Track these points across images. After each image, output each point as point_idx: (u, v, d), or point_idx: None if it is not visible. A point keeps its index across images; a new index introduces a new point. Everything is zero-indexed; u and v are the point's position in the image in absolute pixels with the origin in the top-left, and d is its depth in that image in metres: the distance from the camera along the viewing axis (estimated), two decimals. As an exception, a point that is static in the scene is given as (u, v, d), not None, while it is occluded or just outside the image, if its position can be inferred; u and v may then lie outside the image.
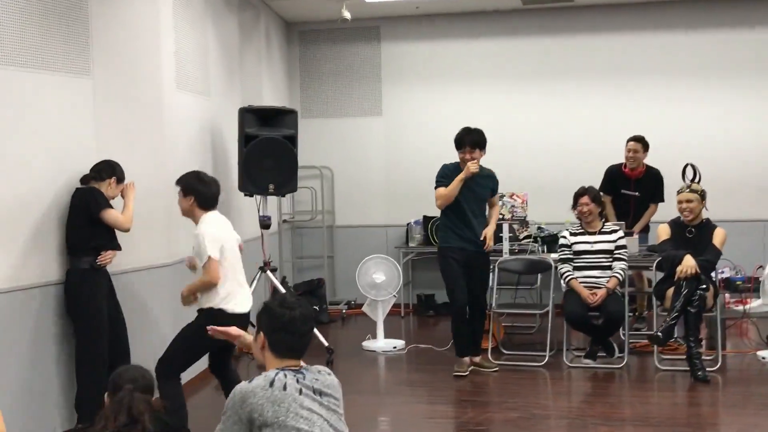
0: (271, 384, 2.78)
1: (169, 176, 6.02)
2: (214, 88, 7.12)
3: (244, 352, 6.59)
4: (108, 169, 5.21)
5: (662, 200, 7.62)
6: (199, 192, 4.87)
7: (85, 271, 5.05)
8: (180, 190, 4.94)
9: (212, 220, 4.88)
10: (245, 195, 7.19)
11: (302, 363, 2.96)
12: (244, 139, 7.03)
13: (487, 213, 6.68)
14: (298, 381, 2.82)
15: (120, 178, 5.25)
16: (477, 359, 6.73)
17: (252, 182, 7.06)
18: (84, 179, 5.22)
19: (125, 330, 5.31)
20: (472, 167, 6.34)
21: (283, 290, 7.52)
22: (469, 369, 6.64)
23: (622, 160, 7.71)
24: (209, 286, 4.73)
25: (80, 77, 5.38)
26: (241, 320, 4.70)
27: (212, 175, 6.95)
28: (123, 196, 5.32)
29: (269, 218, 7.32)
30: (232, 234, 5.03)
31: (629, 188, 7.59)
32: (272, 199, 7.76)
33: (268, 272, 7.27)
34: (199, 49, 6.73)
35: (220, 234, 4.83)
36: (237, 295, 4.84)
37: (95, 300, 5.04)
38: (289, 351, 2.93)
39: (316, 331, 7.13)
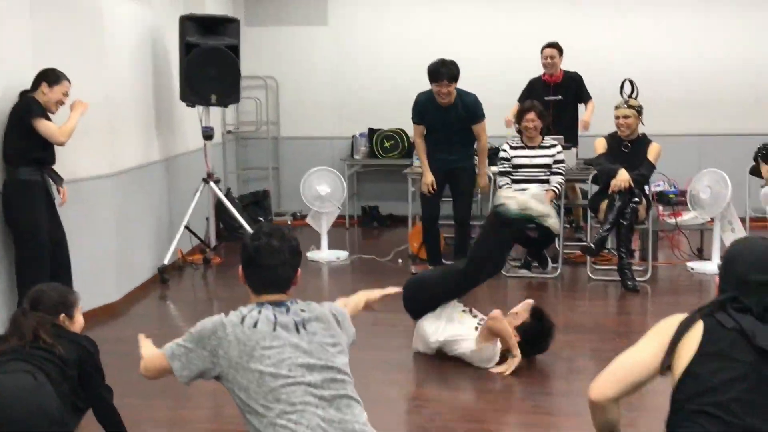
0: (242, 321, 2.63)
1: (109, 85, 5.97)
2: (154, -4, 6.99)
3: None
4: (40, 76, 5.09)
5: (590, 98, 7.77)
6: None
7: (22, 182, 5.01)
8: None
9: None
10: (187, 105, 7.13)
11: (288, 296, 2.76)
12: (186, 48, 6.94)
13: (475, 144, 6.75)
14: (275, 316, 2.64)
15: (51, 81, 5.07)
16: None
17: (194, 92, 7.00)
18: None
19: (65, 241, 5.30)
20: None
21: (227, 202, 7.56)
22: None
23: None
24: None
25: (14, -17, 5.24)
26: None
27: (153, 84, 6.93)
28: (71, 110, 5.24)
29: (212, 129, 7.30)
30: None
31: (549, 94, 7.69)
32: (215, 110, 7.71)
33: (212, 183, 7.29)
34: (138, -46, 6.57)
35: None
36: None
37: (33, 211, 5.02)
38: (262, 286, 2.73)
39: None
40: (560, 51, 7.72)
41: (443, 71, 6.34)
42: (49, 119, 5.06)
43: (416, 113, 6.68)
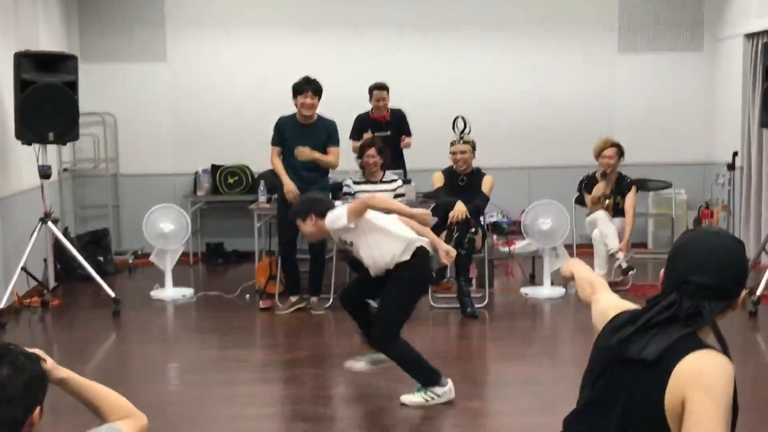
0: None
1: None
2: (-15, 31, 6.77)
3: None
4: None
5: (410, 134, 8.05)
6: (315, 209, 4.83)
7: None
8: (300, 221, 4.88)
9: None
10: (23, 143, 6.91)
11: None
12: (21, 86, 6.74)
13: None
14: None
15: None
16: (313, 299, 6.99)
17: (30, 130, 6.79)
18: None
19: None
20: (300, 156, 6.74)
21: (66, 242, 7.36)
22: (292, 308, 6.95)
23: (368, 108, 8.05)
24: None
25: None
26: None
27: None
28: None
29: (49, 167, 7.10)
30: None
31: (380, 130, 7.95)
32: (51, 148, 7.51)
33: (50, 223, 7.08)
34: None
35: None
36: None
37: None
38: None
39: (101, 281, 7.07)
40: (388, 91, 7.96)
41: (308, 84, 6.76)
42: None
43: (276, 133, 6.93)
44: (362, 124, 7.98)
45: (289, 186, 6.78)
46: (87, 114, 8.83)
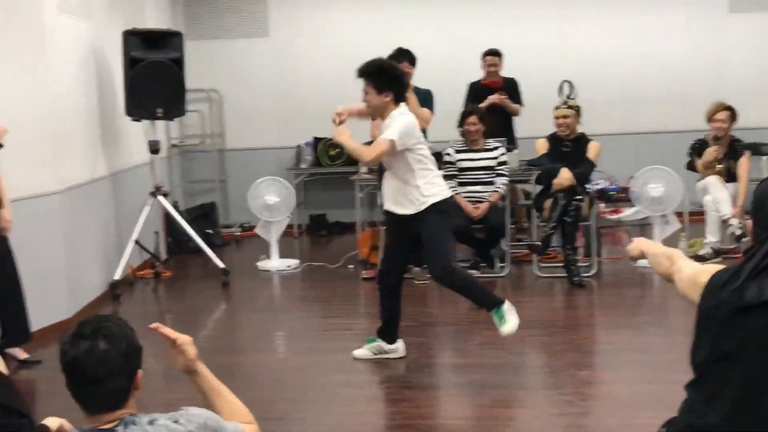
0: None
1: (53, 102, 5.95)
2: (95, 11, 6.96)
3: None
4: None
5: (522, 104, 7.91)
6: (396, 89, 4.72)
7: None
8: (372, 85, 4.72)
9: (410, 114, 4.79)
10: (132, 120, 7.12)
11: (126, 411, 2.06)
12: (130, 63, 6.94)
13: None
14: None
15: None
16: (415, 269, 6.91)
17: (139, 107, 6.99)
18: None
19: (12, 263, 5.22)
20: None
21: (176, 215, 7.55)
22: None
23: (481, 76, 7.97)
24: (358, 156, 4.79)
25: (-46, 1, 5.22)
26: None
27: (98, 99, 6.92)
28: None
29: (158, 143, 7.30)
30: None
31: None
32: (160, 124, 7.71)
33: (160, 197, 7.28)
34: (77, -30, 6.56)
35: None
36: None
37: None
38: (84, 407, 2.05)
39: (210, 253, 7.25)
40: (500, 57, 7.90)
41: (402, 55, 6.62)
42: None
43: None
44: (475, 90, 7.91)
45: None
46: (193, 90, 9.02)
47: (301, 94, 9.44)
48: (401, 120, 4.67)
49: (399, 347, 5.02)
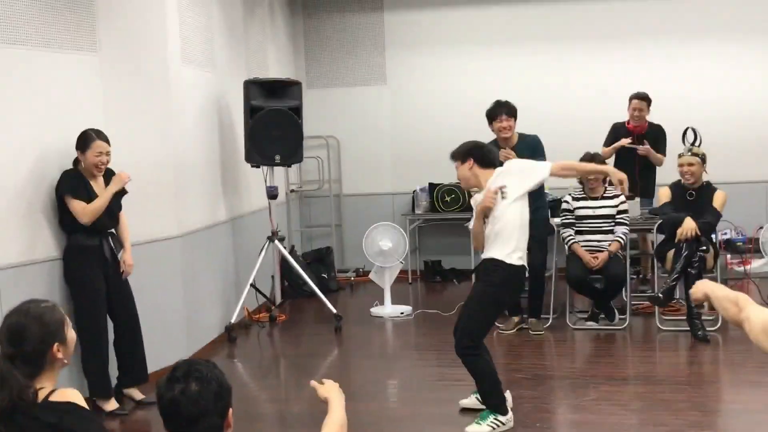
0: None
1: (176, 149, 6.16)
2: (219, 61, 7.21)
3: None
4: (78, 142, 5.11)
5: (664, 154, 7.64)
6: (476, 154, 4.79)
7: (75, 247, 5.12)
8: (458, 162, 4.84)
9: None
10: (252, 166, 7.30)
11: None
12: (250, 111, 7.13)
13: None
14: None
15: (82, 146, 5.07)
16: (531, 320, 6.86)
17: (259, 153, 7.16)
18: None
19: (132, 305, 5.38)
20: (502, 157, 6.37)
21: (291, 260, 7.65)
22: (514, 328, 6.83)
23: (626, 118, 7.76)
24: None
25: (87, 54, 5.49)
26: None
27: (219, 146, 7.13)
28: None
29: (276, 188, 7.44)
30: None
31: (636, 142, 7.63)
32: (279, 170, 7.87)
33: (276, 242, 7.40)
34: (203, 22, 6.82)
35: None
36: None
37: (85, 274, 5.11)
38: None
39: (323, 298, 7.30)
40: (648, 102, 7.65)
41: (500, 107, 6.66)
42: (79, 194, 5.05)
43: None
44: (617, 132, 7.73)
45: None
46: (312, 137, 9.23)
47: (417, 140, 9.49)
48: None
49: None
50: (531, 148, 6.55)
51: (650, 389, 5.27)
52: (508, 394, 4.88)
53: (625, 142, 7.49)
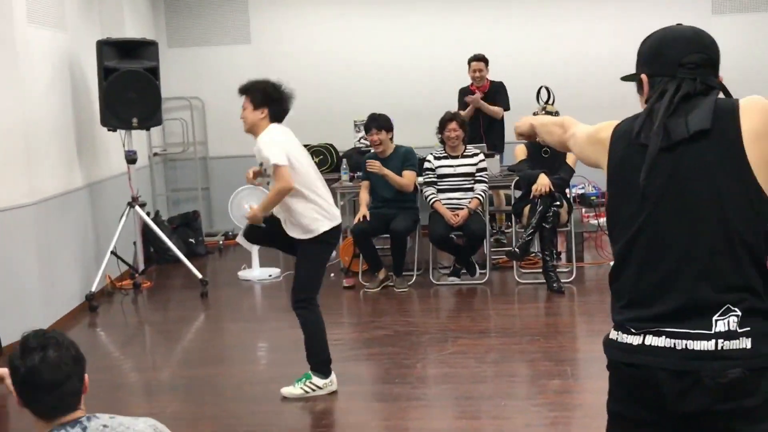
0: None
1: (26, 114, 5.91)
2: (70, 21, 6.92)
3: None
4: None
5: (508, 108, 7.95)
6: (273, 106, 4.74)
7: None
8: (249, 100, 4.72)
9: (277, 130, 4.76)
10: (108, 130, 7.08)
11: (82, 412, 2.22)
12: (104, 73, 6.90)
13: None
14: None
15: None
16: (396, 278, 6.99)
17: (114, 116, 6.95)
18: None
19: None
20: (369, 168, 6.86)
21: (153, 225, 7.50)
22: (380, 285, 6.95)
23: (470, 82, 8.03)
24: (283, 192, 4.60)
25: None
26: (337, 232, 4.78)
27: (73, 110, 6.88)
28: None
29: (135, 153, 7.24)
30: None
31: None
32: (140, 133, 7.66)
33: (137, 207, 7.23)
34: (50, -20, 6.52)
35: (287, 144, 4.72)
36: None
37: None
38: (50, 410, 2.19)
39: (188, 263, 7.20)
40: (486, 63, 7.96)
41: (372, 122, 6.90)
42: None
43: (363, 169, 7.07)
44: (464, 96, 7.99)
45: (363, 212, 6.90)
46: (174, 98, 9.01)
47: (284, 101, 9.38)
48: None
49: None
50: (404, 157, 6.92)
51: (506, 341, 5.47)
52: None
53: (470, 98, 7.75)
